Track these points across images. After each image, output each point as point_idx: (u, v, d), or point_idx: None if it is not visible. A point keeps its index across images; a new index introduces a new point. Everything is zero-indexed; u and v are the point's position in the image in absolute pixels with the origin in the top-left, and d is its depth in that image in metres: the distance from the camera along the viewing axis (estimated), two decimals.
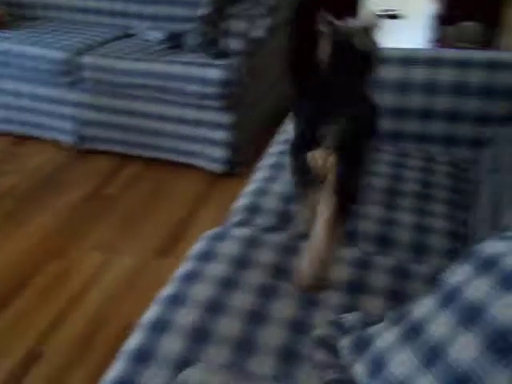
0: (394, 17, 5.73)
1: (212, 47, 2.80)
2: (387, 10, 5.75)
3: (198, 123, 2.81)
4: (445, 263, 1.48)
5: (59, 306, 2.14)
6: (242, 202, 1.76)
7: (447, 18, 5.06)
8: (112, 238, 2.52)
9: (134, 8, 3.32)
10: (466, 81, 1.93)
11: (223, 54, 2.78)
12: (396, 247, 1.53)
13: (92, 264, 2.35)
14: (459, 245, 1.54)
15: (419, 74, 1.97)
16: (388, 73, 1.99)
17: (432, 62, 1.97)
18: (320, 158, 1.25)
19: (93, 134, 3.03)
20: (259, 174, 1.89)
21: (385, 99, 1.98)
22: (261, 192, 1.76)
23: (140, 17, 3.32)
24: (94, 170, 2.99)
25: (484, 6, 4.81)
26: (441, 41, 5.13)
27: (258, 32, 2.72)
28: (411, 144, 2.02)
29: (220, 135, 2.80)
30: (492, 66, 1.92)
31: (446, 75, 1.95)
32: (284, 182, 1.77)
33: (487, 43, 5.00)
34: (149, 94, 2.81)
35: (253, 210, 1.68)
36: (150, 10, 3.29)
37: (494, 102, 1.91)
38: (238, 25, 2.73)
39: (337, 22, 1.50)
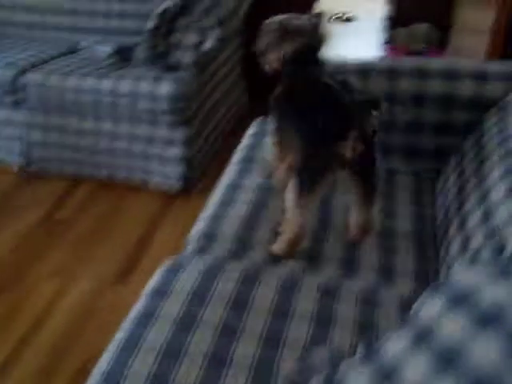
0: (346, 20, 5.72)
1: (162, 60, 2.70)
2: (339, 14, 5.74)
3: (150, 140, 2.72)
4: (414, 286, 1.43)
5: (13, 340, 2.03)
6: (199, 226, 1.68)
7: (399, 20, 5.06)
8: (68, 263, 2.41)
9: (82, 22, 3.21)
10: (426, 90, 1.88)
11: (174, 68, 2.69)
12: (363, 270, 1.47)
13: (47, 292, 2.25)
14: (428, 265, 1.49)
15: (379, 84, 1.92)
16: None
17: (390, 73, 1.92)
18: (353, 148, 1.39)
19: (42, 154, 2.90)
20: (216, 196, 1.81)
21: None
22: (218, 216, 1.68)
23: (89, 31, 3.21)
24: (45, 193, 2.86)
25: (435, 7, 4.82)
26: (393, 43, 5.13)
27: (209, 44, 2.64)
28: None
29: (174, 152, 2.71)
30: (450, 75, 1.88)
31: (405, 85, 1.90)
32: (242, 204, 1.70)
33: (439, 44, 5.02)
34: (98, 111, 2.70)
35: (210, 236, 1.60)
36: (99, 23, 3.19)
37: (454, 112, 1.87)
38: (188, 37, 2.64)
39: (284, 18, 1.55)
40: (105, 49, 3.05)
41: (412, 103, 1.90)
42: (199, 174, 2.85)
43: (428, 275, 1.49)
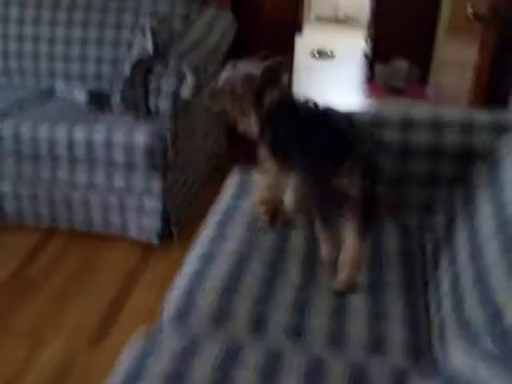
0: (327, 56, 5.71)
1: (138, 108, 2.62)
2: (320, 50, 5.73)
3: (126, 191, 2.62)
4: (406, 362, 1.34)
5: None
6: (177, 290, 1.58)
7: (378, 57, 5.05)
8: (38, 325, 2.28)
9: (59, 67, 3.13)
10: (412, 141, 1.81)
11: (150, 116, 2.61)
12: (349, 344, 1.37)
13: (15, 357, 2.11)
14: (420, 336, 1.40)
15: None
16: None
17: (375, 123, 1.86)
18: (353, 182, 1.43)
19: (14, 207, 2.79)
20: (196, 251, 1.71)
21: None
22: (198, 274, 1.57)
23: (65, 76, 3.14)
24: (15, 248, 2.73)
25: (415, 43, 4.82)
26: (373, 79, 5.11)
27: (186, 91, 2.57)
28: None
29: (152, 202, 2.62)
30: (437, 125, 1.81)
31: (389, 136, 1.83)
32: (223, 259, 1.60)
33: (420, 81, 5.00)
34: (72, 162, 2.60)
35: (188, 303, 1.50)
36: (75, 68, 3.11)
37: (441, 163, 1.80)
38: (164, 84, 2.57)
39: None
40: (80, 95, 2.97)
41: (398, 154, 1.83)
42: (178, 225, 2.75)
43: (421, 345, 1.39)
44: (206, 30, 2.92)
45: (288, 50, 3.60)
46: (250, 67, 1.61)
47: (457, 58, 3.02)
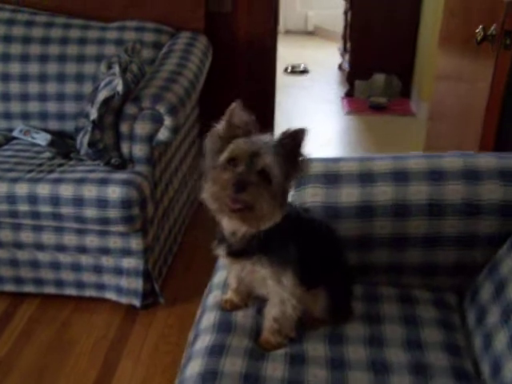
0: (301, 72, 5.45)
1: (109, 156, 2.30)
2: (294, 66, 5.47)
3: (102, 251, 2.29)
4: None
5: None
6: None
7: (356, 71, 4.80)
8: None
9: (15, 106, 2.78)
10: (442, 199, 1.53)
11: (123, 164, 2.30)
12: None
13: None
14: None
15: (381, 192, 1.56)
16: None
17: (398, 176, 1.57)
18: None
19: None
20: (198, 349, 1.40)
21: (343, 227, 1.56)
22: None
23: (23, 116, 2.79)
24: None
25: (396, 57, 4.57)
26: (351, 95, 4.86)
27: (163, 134, 2.25)
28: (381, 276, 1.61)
29: (130, 263, 2.30)
30: (470, 177, 1.54)
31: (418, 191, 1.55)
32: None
33: (401, 94, 4.77)
34: (37, 221, 2.27)
35: None
36: (34, 107, 2.77)
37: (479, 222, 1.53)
38: (138, 127, 2.25)
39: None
40: (41, 139, 2.65)
41: (427, 212, 1.55)
42: (161, 284, 2.44)
43: None
44: (181, 59, 2.61)
45: (269, 69, 3.31)
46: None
47: (449, 70, 2.77)
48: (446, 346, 1.40)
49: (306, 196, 1.58)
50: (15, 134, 2.75)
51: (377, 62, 4.66)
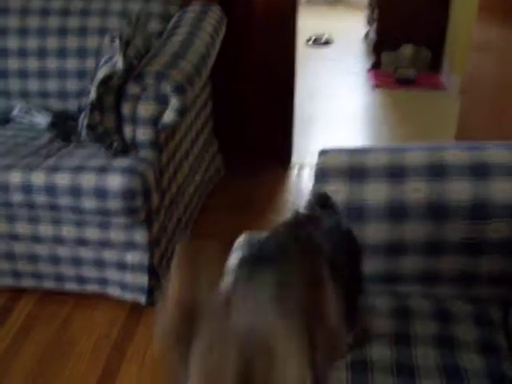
0: (324, 43, 5.18)
1: (110, 140, 2.09)
2: (317, 36, 5.20)
3: (103, 244, 2.10)
4: None
5: None
6: None
7: (384, 42, 4.51)
8: None
9: (14, 84, 2.58)
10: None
11: (126, 149, 2.09)
12: None
13: None
14: None
15: (414, 189, 1.33)
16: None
17: (435, 171, 1.34)
18: None
19: None
20: None
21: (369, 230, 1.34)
22: None
23: (22, 95, 2.59)
24: None
25: (425, 27, 4.27)
26: (378, 67, 4.58)
27: (169, 116, 2.04)
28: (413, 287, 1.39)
29: (135, 257, 2.10)
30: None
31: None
32: None
33: (430, 67, 4.47)
34: (33, 213, 2.08)
35: None
36: (33, 85, 2.56)
37: None
38: (141, 109, 2.04)
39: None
40: (41, 120, 2.46)
41: (468, 215, 1.32)
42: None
43: None
44: (190, 32, 2.37)
45: (289, 41, 3.05)
46: None
47: (487, 42, 2.52)
48: (489, 374, 1.18)
49: None
50: (15, 113, 2.56)
51: (405, 31, 4.36)
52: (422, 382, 1.16)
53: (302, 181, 3.07)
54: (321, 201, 1.17)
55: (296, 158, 3.21)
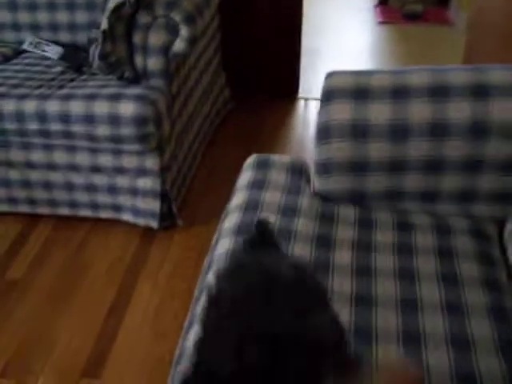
0: None
1: (121, 69, 2.14)
2: None
3: (116, 171, 2.17)
4: None
5: None
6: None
7: None
8: (19, 350, 1.87)
9: (24, 17, 2.61)
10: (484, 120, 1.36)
11: (137, 78, 2.14)
12: None
13: None
14: None
15: (417, 109, 1.39)
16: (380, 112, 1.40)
17: (437, 92, 1.39)
18: None
19: None
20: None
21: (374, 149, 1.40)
22: None
23: (33, 27, 2.62)
24: None
25: None
26: (385, 3, 4.54)
27: (179, 45, 2.08)
28: (414, 203, 1.46)
29: (147, 183, 2.18)
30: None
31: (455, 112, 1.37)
32: None
33: (438, 2, 4.44)
34: (48, 140, 2.15)
35: None
36: (43, 18, 2.59)
37: None
38: (152, 38, 2.08)
39: None
40: (52, 52, 2.49)
41: (468, 133, 1.38)
42: (180, 204, 2.33)
43: None
44: None
45: None
46: None
47: None
48: (485, 281, 1.26)
49: (332, 113, 1.42)
50: (25, 46, 2.60)
51: None
52: (421, 286, 1.24)
53: (308, 113, 3.11)
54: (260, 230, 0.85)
55: (302, 90, 3.25)
